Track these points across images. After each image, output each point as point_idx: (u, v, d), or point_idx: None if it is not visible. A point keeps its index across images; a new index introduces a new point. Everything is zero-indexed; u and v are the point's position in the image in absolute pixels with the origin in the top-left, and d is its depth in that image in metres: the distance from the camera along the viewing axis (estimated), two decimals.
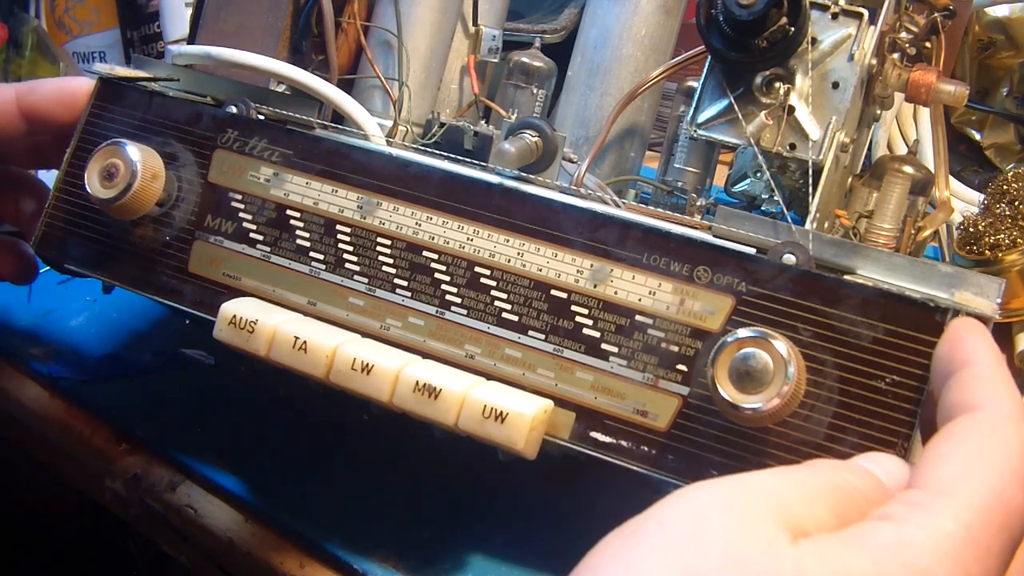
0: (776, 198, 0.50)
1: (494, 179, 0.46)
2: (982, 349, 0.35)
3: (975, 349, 0.35)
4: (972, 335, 0.36)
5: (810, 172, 0.46)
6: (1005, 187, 0.66)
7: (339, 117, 0.54)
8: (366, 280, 0.47)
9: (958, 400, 0.33)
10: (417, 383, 0.42)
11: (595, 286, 0.43)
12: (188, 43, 0.61)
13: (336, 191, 0.48)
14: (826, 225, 0.48)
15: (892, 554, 0.26)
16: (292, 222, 0.48)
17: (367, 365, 0.43)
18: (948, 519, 0.28)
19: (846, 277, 0.40)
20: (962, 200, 0.76)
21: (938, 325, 0.38)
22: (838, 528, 0.28)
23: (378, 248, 0.47)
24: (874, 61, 0.48)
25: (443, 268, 0.45)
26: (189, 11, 0.65)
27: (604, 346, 0.42)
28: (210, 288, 0.49)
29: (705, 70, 0.49)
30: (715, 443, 0.40)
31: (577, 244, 0.44)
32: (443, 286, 0.45)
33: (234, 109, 0.51)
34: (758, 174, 0.54)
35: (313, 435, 0.57)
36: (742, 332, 0.38)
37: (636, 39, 0.57)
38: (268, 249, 0.49)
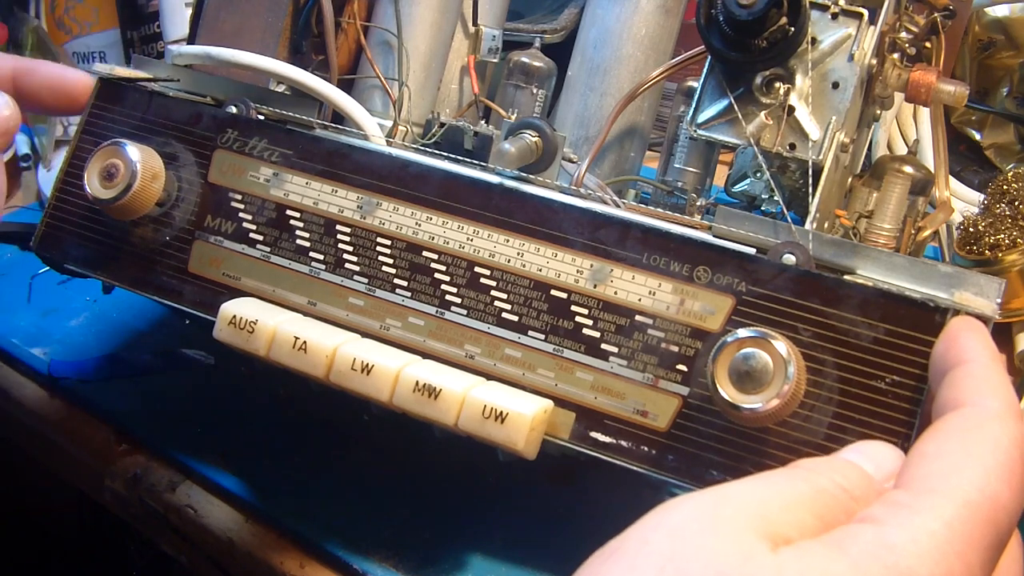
0: (776, 198, 0.50)
1: (494, 179, 0.46)
2: (977, 347, 0.35)
3: (970, 347, 0.35)
4: (968, 333, 0.36)
5: (810, 172, 0.46)
6: (1005, 187, 0.66)
7: (339, 117, 0.54)
8: (366, 280, 0.47)
9: (950, 397, 0.33)
10: (417, 383, 0.42)
11: (595, 286, 0.43)
12: (188, 43, 0.61)
13: (336, 191, 0.48)
14: (826, 225, 0.48)
15: (874, 557, 0.26)
16: (292, 222, 0.48)
17: (367, 365, 0.43)
18: (931, 518, 0.27)
19: (846, 277, 0.40)
20: (962, 200, 0.76)
21: (938, 325, 0.38)
22: (824, 532, 0.28)
23: (378, 248, 0.47)
24: (874, 61, 0.48)
25: (443, 268, 0.45)
26: (189, 11, 0.65)
27: (604, 346, 0.42)
28: (210, 288, 0.49)
29: (705, 70, 0.49)
30: (715, 443, 0.40)
31: (577, 244, 0.44)
32: (443, 286, 0.45)
33: (234, 109, 0.51)
34: (758, 174, 0.54)
35: (313, 435, 0.57)
36: (742, 332, 0.38)
37: (636, 39, 0.57)
38: (268, 249, 0.49)
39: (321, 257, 0.48)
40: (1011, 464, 0.29)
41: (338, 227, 0.48)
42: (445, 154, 0.49)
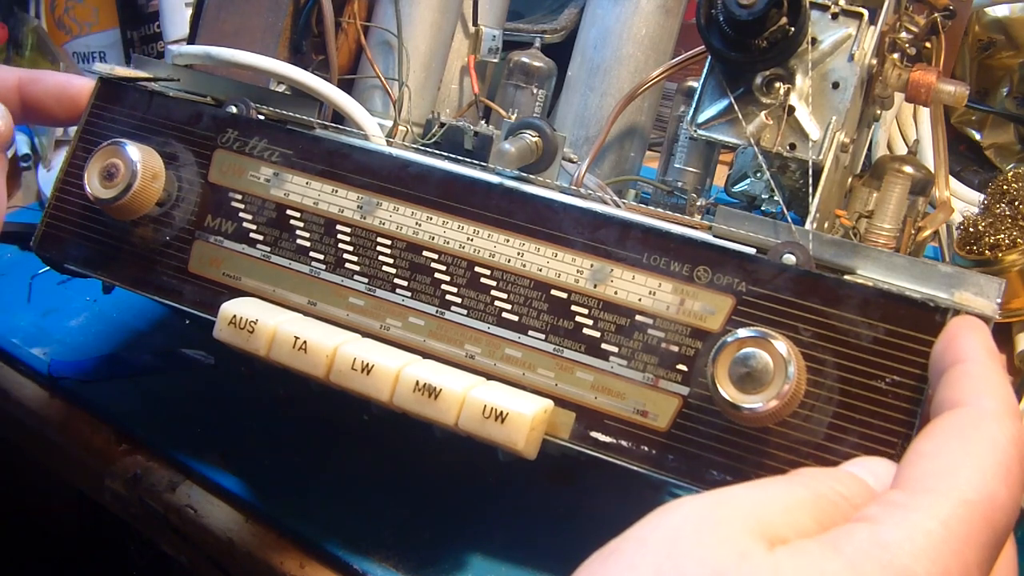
0: (776, 198, 0.50)
1: (494, 179, 0.46)
2: (975, 346, 0.35)
3: (968, 346, 0.35)
4: (968, 332, 0.36)
5: (810, 172, 0.46)
6: (1005, 187, 0.66)
7: (339, 117, 0.54)
8: (366, 280, 0.47)
9: (947, 397, 0.33)
10: (417, 383, 0.42)
11: (595, 286, 0.43)
12: (188, 43, 0.61)
13: (336, 191, 0.48)
14: (826, 225, 0.48)
15: (869, 555, 0.26)
16: (292, 222, 0.48)
17: (367, 365, 0.43)
18: (927, 517, 0.27)
19: (846, 277, 0.40)
20: (962, 200, 0.76)
21: (938, 325, 0.38)
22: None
23: (378, 248, 0.47)
24: (874, 61, 0.48)
25: (443, 268, 0.45)
26: (189, 11, 0.65)
27: (604, 346, 0.42)
28: (210, 288, 0.49)
29: (705, 70, 0.49)
30: (715, 443, 0.40)
31: (577, 244, 0.44)
32: (443, 286, 0.45)
33: (234, 109, 0.51)
34: (758, 174, 0.54)
35: (313, 435, 0.57)
36: (742, 332, 0.38)
37: (636, 39, 0.57)
38: (268, 249, 0.49)
39: (321, 257, 0.48)
40: (1008, 463, 0.29)
41: (338, 227, 0.48)
42: (445, 154, 0.49)
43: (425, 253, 0.46)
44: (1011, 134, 0.87)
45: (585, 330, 0.43)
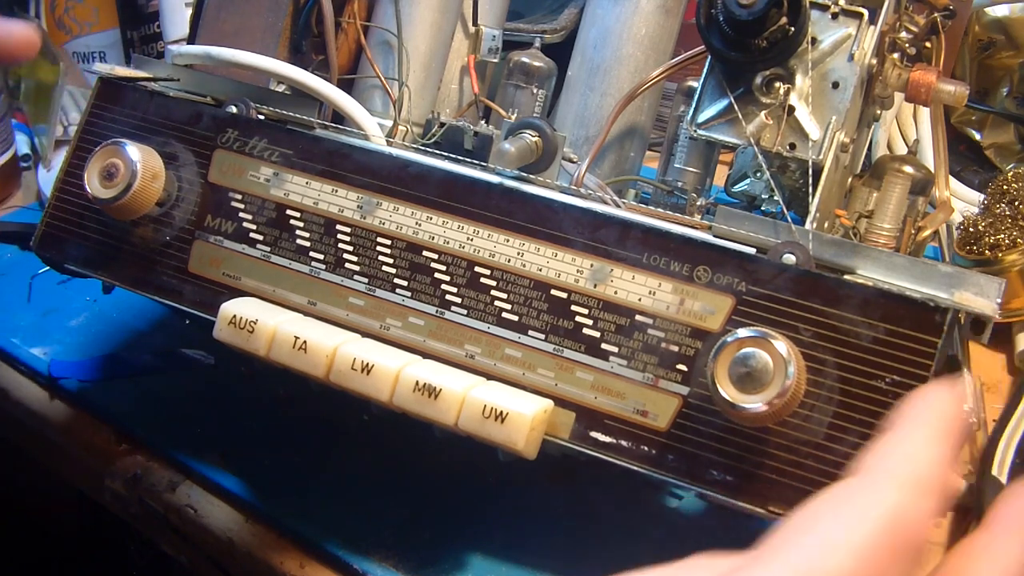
0: (776, 198, 0.50)
1: (494, 179, 0.46)
2: (915, 415, 0.29)
3: (909, 415, 0.29)
4: (919, 402, 0.30)
5: (810, 172, 0.46)
6: (1005, 187, 0.66)
7: (339, 117, 0.54)
8: (366, 280, 0.47)
9: (854, 466, 0.28)
10: (417, 383, 0.42)
11: (595, 286, 0.43)
12: (188, 43, 0.61)
13: (336, 191, 0.48)
14: (826, 225, 0.48)
15: None
16: (292, 222, 0.48)
17: (367, 365, 0.43)
18: None
19: (846, 277, 0.40)
20: (962, 200, 0.76)
21: (938, 325, 0.38)
22: None
23: (378, 248, 0.47)
24: (874, 61, 0.48)
25: (443, 268, 0.45)
26: (189, 11, 0.65)
27: (604, 346, 0.42)
28: (210, 288, 0.49)
29: (705, 70, 0.49)
30: (715, 443, 0.40)
31: (577, 244, 0.44)
32: (443, 286, 0.45)
33: (234, 109, 0.51)
34: (758, 174, 0.54)
35: (313, 435, 0.57)
36: (742, 332, 0.38)
37: (636, 39, 0.57)
38: (268, 249, 0.49)
39: (321, 257, 0.48)
40: (872, 542, 0.25)
41: (338, 227, 0.48)
42: (445, 154, 0.49)
43: (425, 253, 0.46)
44: (1011, 134, 0.87)
45: (585, 330, 0.43)
